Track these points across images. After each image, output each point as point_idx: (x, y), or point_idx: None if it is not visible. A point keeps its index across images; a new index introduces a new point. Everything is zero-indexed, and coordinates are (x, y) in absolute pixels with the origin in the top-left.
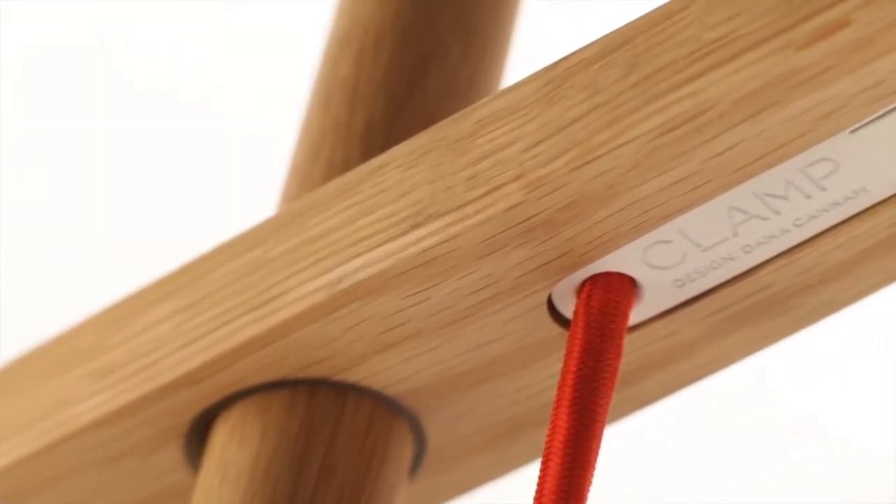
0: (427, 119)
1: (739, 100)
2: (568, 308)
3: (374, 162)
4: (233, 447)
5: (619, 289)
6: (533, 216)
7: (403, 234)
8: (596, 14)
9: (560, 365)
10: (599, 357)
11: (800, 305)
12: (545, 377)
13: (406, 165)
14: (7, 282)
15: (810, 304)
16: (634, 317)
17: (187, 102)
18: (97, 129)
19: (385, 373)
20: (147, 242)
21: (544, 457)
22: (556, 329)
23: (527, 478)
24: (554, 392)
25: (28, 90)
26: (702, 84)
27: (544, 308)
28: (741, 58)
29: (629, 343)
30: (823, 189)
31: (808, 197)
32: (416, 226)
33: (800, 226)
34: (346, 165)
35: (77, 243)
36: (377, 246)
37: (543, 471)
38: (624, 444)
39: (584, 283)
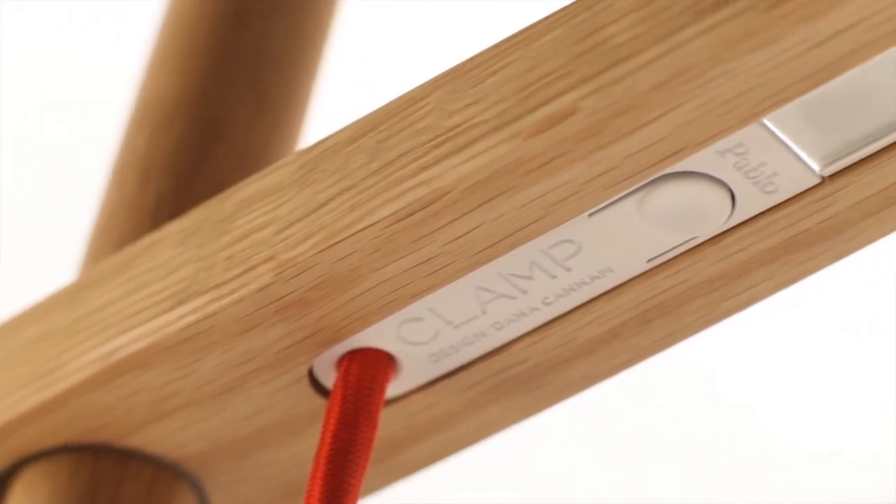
0: (218, 191)
1: (472, 187)
2: (330, 380)
3: (149, 239)
4: None
5: (376, 363)
6: (285, 296)
7: (169, 310)
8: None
9: None
10: (354, 430)
11: (556, 379)
12: (314, 445)
13: (175, 244)
14: None
15: (566, 378)
16: (393, 390)
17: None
18: None
19: (165, 439)
20: None
21: None
22: (319, 400)
23: None
24: None
25: None
26: (437, 171)
27: (306, 381)
28: (474, 146)
29: (390, 415)
30: (568, 269)
31: (554, 277)
32: (179, 303)
33: (548, 304)
34: (136, 240)
35: None
36: (146, 321)
37: None
38: (556, 440)
39: (343, 357)
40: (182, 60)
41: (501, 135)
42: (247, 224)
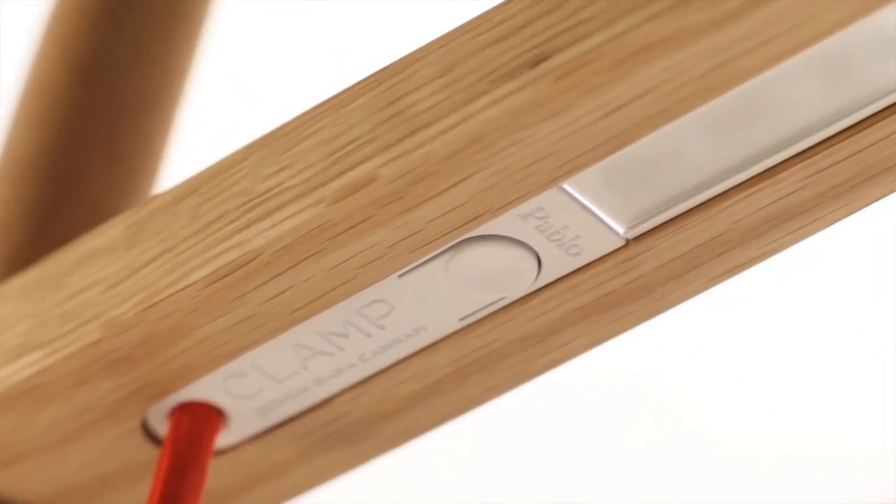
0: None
1: (281, 250)
2: (163, 431)
3: None
4: None
5: (204, 416)
6: (113, 352)
7: (10, 362)
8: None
9: None
10: (183, 479)
11: (379, 432)
12: None
13: (18, 297)
14: None
15: (390, 430)
16: (223, 440)
17: None
18: None
19: (19, 483)
20: None
21: None
22: (154, 450)
23: None
24: None
25: None
26: (248, 235)
27: (139, 432)
28: (283, 210)
29: (223, 464)
30: (382, 328)
31: (369, 335)
32: (18, 356)
33: (366, 361)
34: None
35: None
36: None
37: None
38: (501, 428)
39: (174, 409)
40: (40, 114)
41: (307, 200)
42: (80, 281)
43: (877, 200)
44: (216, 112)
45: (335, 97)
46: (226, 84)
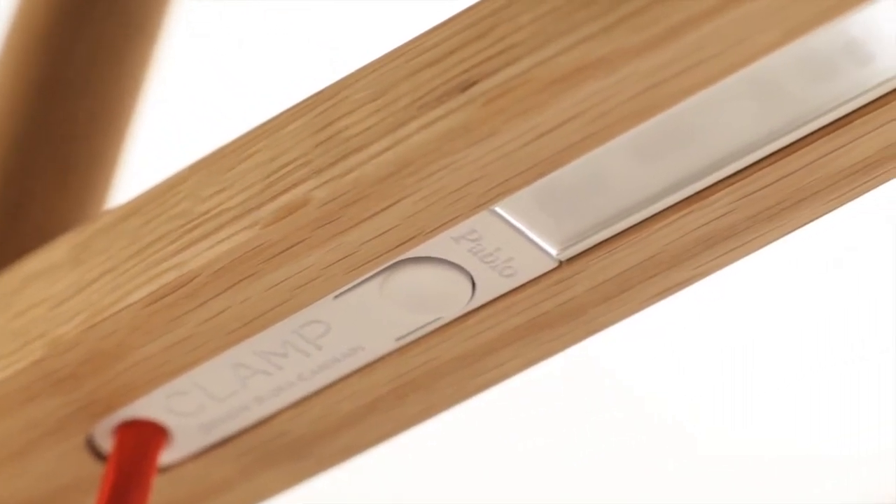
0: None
1: (218, 271)
2: (109, 448)
3: None
4: None
5: (148, 433)
6: (58, 370)
7: None
8: None
9: None
10: (126, 496)
11: (321, 449)
12: None
13: None
14: None
15: (331, 448)
16: (168, 457)
17: None
18: None
19: None
20: None
21: None
22: (100, 467)
23: None
24: None
25: None
26: (187, 256)
27: (85, 449)
28: (220, 232)
29: (168, 481)
30: (320, 348)
31: (307, 355)
32: None
33: (305, 380)
34: None
35: None
36: None
37: None
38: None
39: (119, 426)
40: None
41: (244, 222)
42: (27, 300)
43: (808, 223)
44: (178, 126)
45: (272, 120)
46: (190, 96)
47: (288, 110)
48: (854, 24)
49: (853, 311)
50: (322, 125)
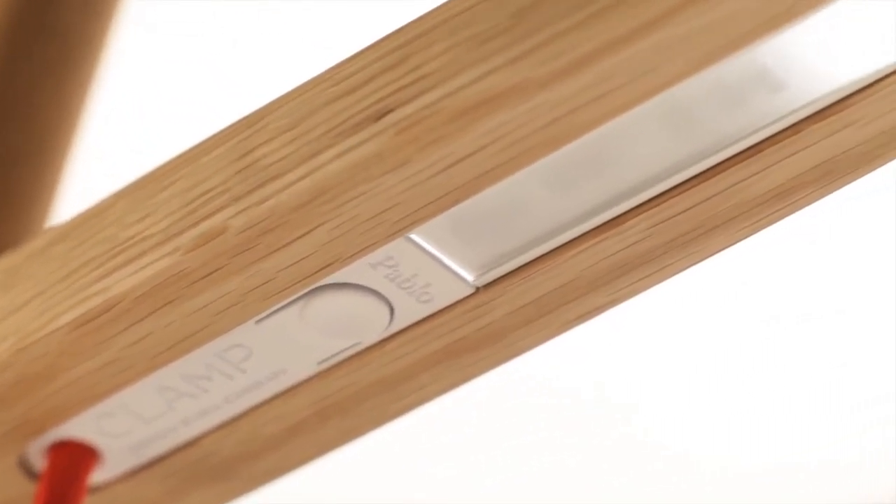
0: None
1: (141, 297)
2: (41, 468)
3: None
4: None
5: (79, 453)
6: None
7: None
8: None
9: None
10: None
11: (247, 470)
12: None
13: None
14: None
15: (257, 468)
16: (99, 477)
17: None
18: None
19: None
20: None
21: None
22: (33, 486)
23: None
24: None
25: None
26: (111, 281)
27: (17, 468)
28: (143, 258)
29: (96, 501)
30: (243, 371)
31: (231, 378)
32: None
33: (230, 402)
34: None
35: None
36: None
37: None
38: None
39: (50, 446)
40: None
41: (165, 248)
42: None
43: (724, 249)
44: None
45: (196, 147)
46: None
47: (211, 137)
48: (766, 52)
49: (849, 312)
50: (242, 153)
